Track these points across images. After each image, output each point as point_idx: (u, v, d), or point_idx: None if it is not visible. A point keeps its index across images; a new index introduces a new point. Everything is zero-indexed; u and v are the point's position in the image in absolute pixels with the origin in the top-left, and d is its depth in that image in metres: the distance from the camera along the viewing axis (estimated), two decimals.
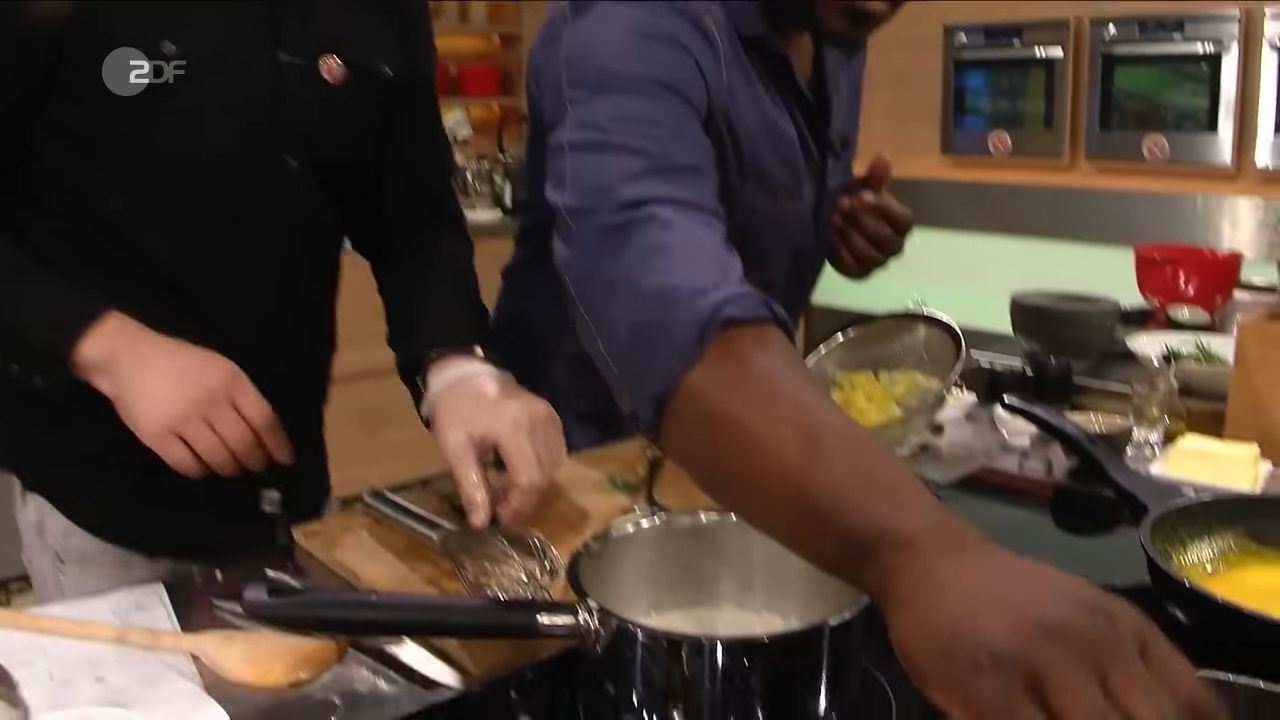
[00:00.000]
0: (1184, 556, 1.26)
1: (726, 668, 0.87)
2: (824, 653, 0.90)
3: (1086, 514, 1.57)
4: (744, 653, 0.87)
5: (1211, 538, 1.28)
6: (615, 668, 0.91)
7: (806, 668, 0.90)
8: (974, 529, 0.73)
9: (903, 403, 1.69)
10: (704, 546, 1.08)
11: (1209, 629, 1.08)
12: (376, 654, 1.03)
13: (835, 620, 0.88)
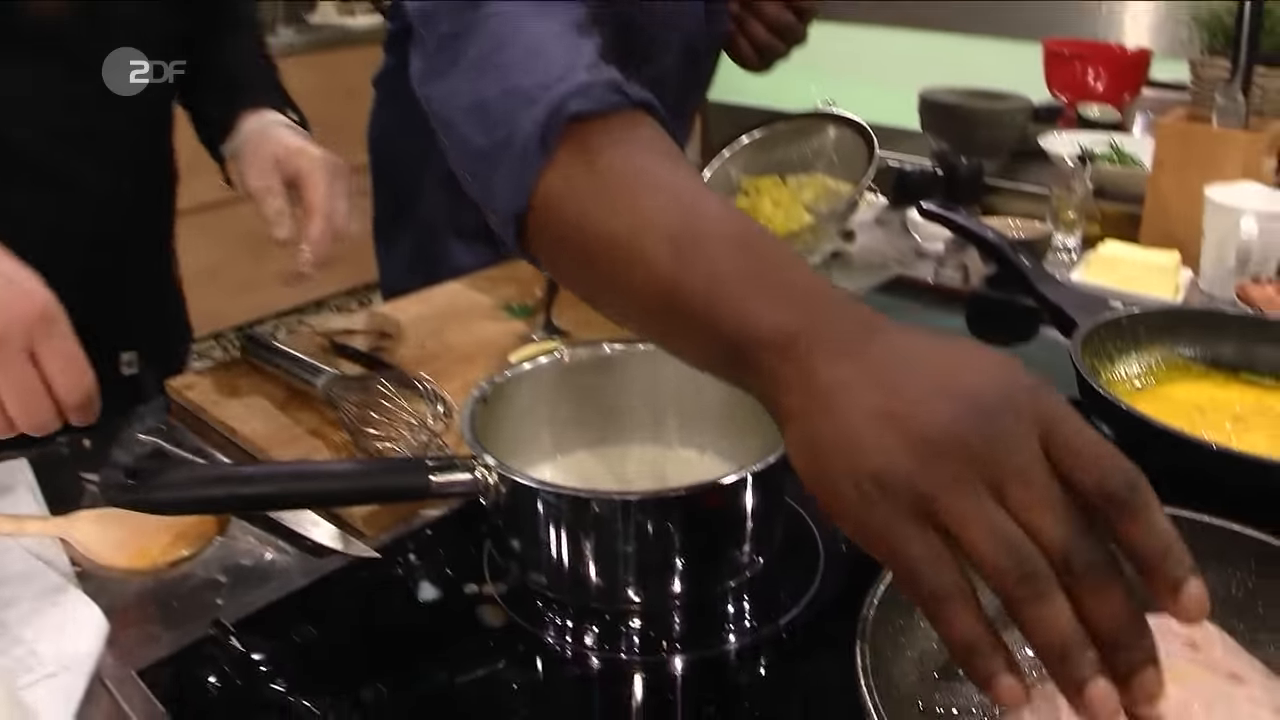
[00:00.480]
0: (1112, 372, 1.21)
1: (639, 524, 0.79)
2: (744, 501, 0.83)
3: (1003, 323, 1.52)
4: (656, 509, 0.78)
5: (1139, 352, 1.24)
6: (518, 525, 0.83)
7: (726, 518, 0.83)
8: (871, 314, 0.62)
9: (812, 208, 1.60)
10: (610, 378, 0.99)
11: (1141, 449, 1.03)
12: (263, 522, 0.94)
13: (758, 467, 0.80)
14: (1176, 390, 1.20)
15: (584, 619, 0.83)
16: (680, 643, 0.82)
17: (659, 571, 0.83)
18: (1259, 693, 0.73)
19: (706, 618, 0.85)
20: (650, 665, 0.82)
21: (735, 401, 0.95)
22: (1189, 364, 1.24)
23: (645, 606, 0.83)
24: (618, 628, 0.83)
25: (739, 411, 0.94)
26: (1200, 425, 1.12)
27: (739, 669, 0.83)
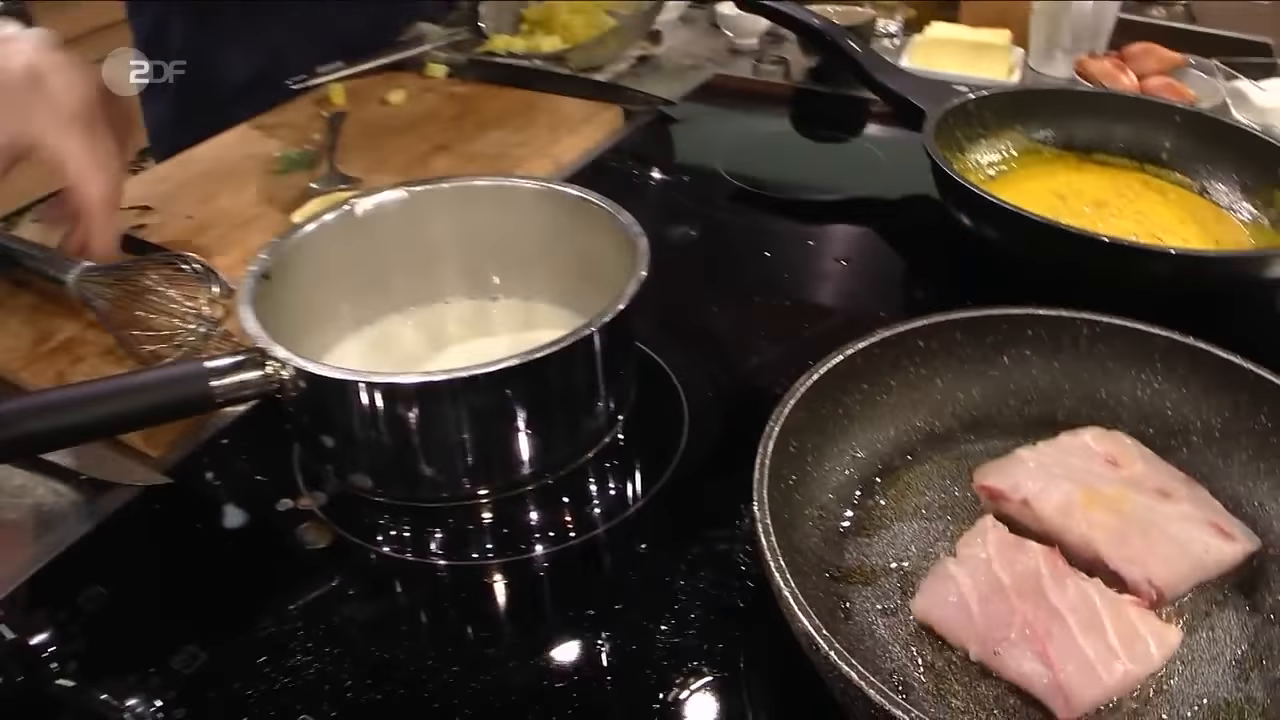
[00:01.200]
0: (964, 161, 1.13)
1: (471, 405, 0.66)
2: (591, 360, 0.71)
3: (831, 118, 1.41)
4: (490, 385, 0.65)
5: (990, 139, 1.16)
6: (328, 422, 0.69)
7: (571, 383, 0.71)
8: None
9: (614, 11, 1.45)
10: (413, 228, 0.84)
11: (1005, 240, 0.96)
12: (21, 460, 0.75)
13: (606, 318, 0.68)
14: (1032, 177, 1.13)
15: (424, 522, 0.72)
16: (539, 533, 0.71)
17: (501, 454, 0.71)
18: (1188, 507, 0.66)
19: (565, 499, 0.75)
20: (510, 566, 0.71)
21: (559, 239, 0.83)
22: (1041, 148, 1.18)
23: (493, 496, 0.71)
24: (465, 526, 0.72)
25: (563, 250, 0.83)
26: (1062, 212, 1.06)
27: (611, 553, 0.72)
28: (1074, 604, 0.60)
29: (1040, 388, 0.78)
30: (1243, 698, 0.59)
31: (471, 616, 0.67)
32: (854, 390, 0.73)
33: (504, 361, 0.64)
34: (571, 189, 0.82)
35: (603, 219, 0.79)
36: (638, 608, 0.65)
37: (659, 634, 0.64)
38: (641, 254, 0.73)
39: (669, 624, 0.64)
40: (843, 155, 1.32)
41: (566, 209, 0.82)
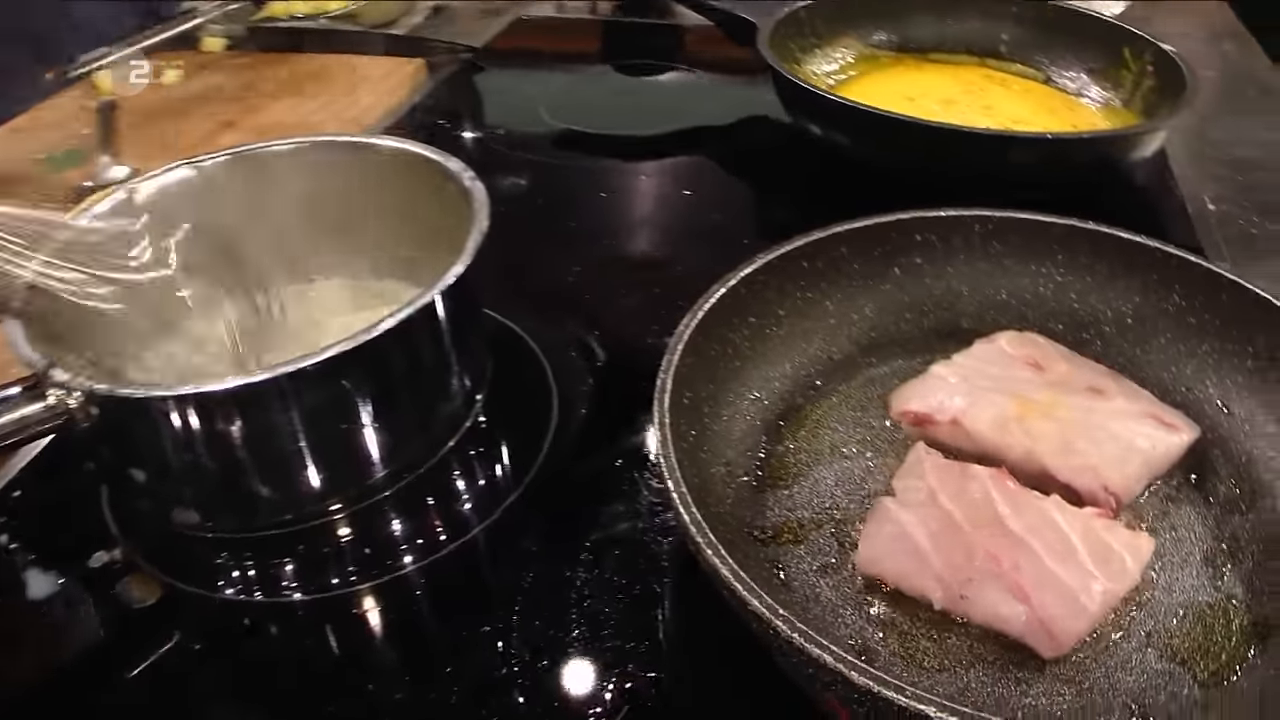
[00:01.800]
0: (801, 73, 1.06)
1: (306, 404, 0.55)
2: (435, 335, 0.61)
3: (644, 49, 1.33)
4: (323, 378, 0.54)
5: (825, 47, 1.10)
6: (135, 452, 0.57)
7: (414, 364, 0.60)
8: None
9: None
10: (206, 210, 0.71)
11: (861, 145, 0.89)
12: None
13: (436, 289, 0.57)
14: (875, 83, 1.07)
15: (270, 553, 0.60)
16: (407, 545, 0.61)
17: (347, 458, 0.60)
18: (1123, 402, 0.61)
19: (431, 500, 0.64)
20: (381, 589, 0.59)
21: (380, 201, 0.72)
22: (878, 52, 1.12)
23: (346, 509, 0.61)
24: (320, 550, 0.60)
25: (386, 213, 0.72)
26: (912, 113, 0.99)
27: (496, 556, 0.61)
28: (1036, 527, 0.53)
29: (937, 296, 0.72)
30: (1223, 597, 0.54)
31: (343, 655, 0.56)
32: (741, 326, 0.65)
33: (334, 347, 0.53)
34: (386, 140, 0.71)
35: (427, 171, 0.68)
36: (540, 613, 0.56)
37: (570, 639, 0.54)
38: (479, 203, 0.63)
39: (580, 626, 0.55)
40: (664, 85, 1.24)
41: (383, 165, 0.71)
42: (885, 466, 0.61)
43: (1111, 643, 0.52)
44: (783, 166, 1.01)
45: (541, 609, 0.56)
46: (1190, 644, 0.52)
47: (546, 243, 0.89)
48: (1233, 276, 0.65)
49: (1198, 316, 0.67)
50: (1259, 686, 0.50)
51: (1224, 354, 0.66)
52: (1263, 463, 0.61)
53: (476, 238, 0.60)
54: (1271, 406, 0.63)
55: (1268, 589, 0.54)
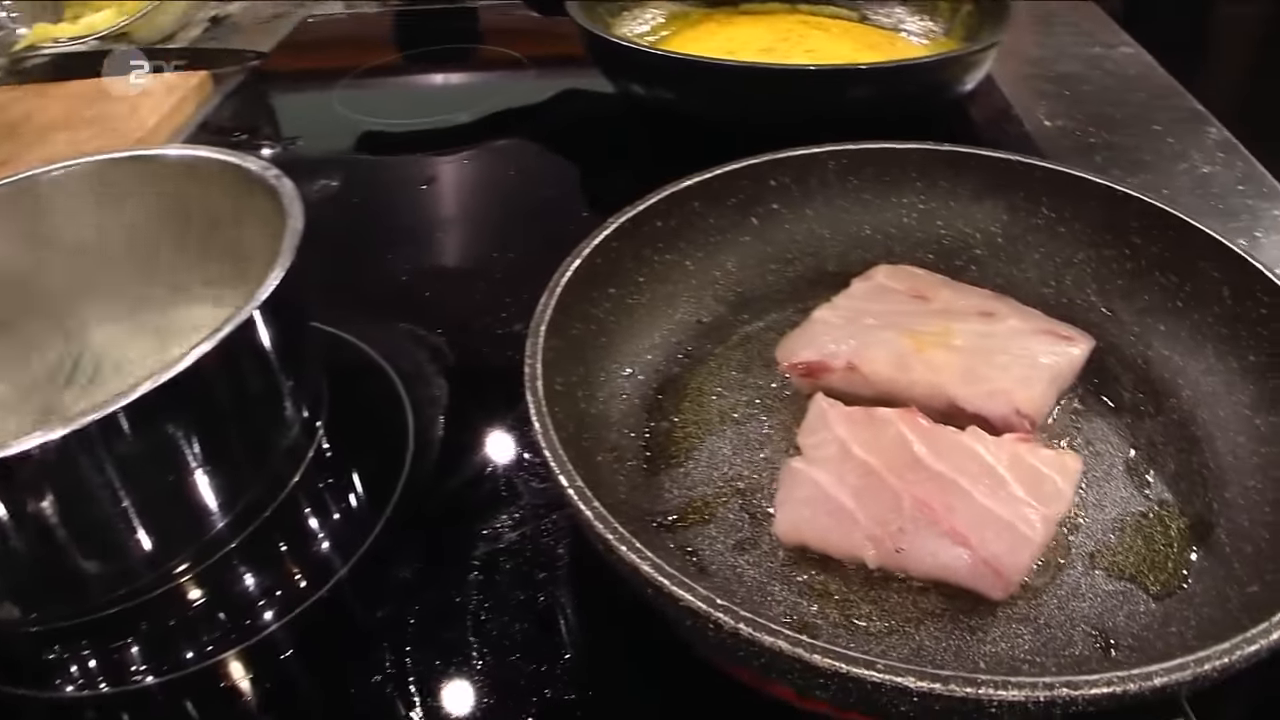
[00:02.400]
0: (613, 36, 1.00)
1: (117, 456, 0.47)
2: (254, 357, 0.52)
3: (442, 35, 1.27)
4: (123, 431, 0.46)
5: (633, 9, 1.06)
6: None
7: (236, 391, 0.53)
8: None
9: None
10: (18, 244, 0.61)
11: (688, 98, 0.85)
12: None
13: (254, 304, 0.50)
14: (689, 41, 1.03)
15: (111, 635, 0.52)
16: (266, 600, 0.54)
17: (181, 511, 0.52)
18: (1016, 321, 0.58)
19: (283, 545, 0.56)
20: (245, 655, 0.51)
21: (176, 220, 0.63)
22: (688, 9, 1.09)
23: (192, 570, 0.54)
24: (167, 623, 0.53)
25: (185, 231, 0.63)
26: None
27: (369, 597, 0.54)
28: (960, 463, 0.49)
29: (800, 242, 0.68)
30: (1155, 504, 0.52)
31: None
32: (601, 300, 0.60)
33: (142, 385, 0.45)
34: (174, 149, 0.63)
35: (225, 178, 0.60)
36: (434, 648, 0.49)
37: (476, 676, 0.47)
38: (289, 200, 0.56)
39: (482, 655, 0.48)
40: (468, 71, 1.17)
41: (176, 178, 0.62)
42: (782, 425, 0.57)
43: (1058, 572, 0.48)
44: (609, 135, 0.96)
45: (435, 644, 0.49)
46: (1135, 558, 0.49)
47: (371, 245, 0.81)
48: (1101, 179, 0.63)
49: (1069, 226, 0.65)
50: (1212, 587, 0.47)
51: (1101, 260, 0.64)
52: (1160, 362, 0.59)
53: (292, 239, 0.52)
54: (1155, 306, 0.61)
55: (1194, 487, 0.52)
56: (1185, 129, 0.93)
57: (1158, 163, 0.88)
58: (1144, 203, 0.61)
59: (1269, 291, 0.55)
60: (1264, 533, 0.48)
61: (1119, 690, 0.35)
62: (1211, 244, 0.58)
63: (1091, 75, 1.04)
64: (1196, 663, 0.36)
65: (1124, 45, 1.11)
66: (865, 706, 0.36)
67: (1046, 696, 0.34)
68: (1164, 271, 0.61)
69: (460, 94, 1.10)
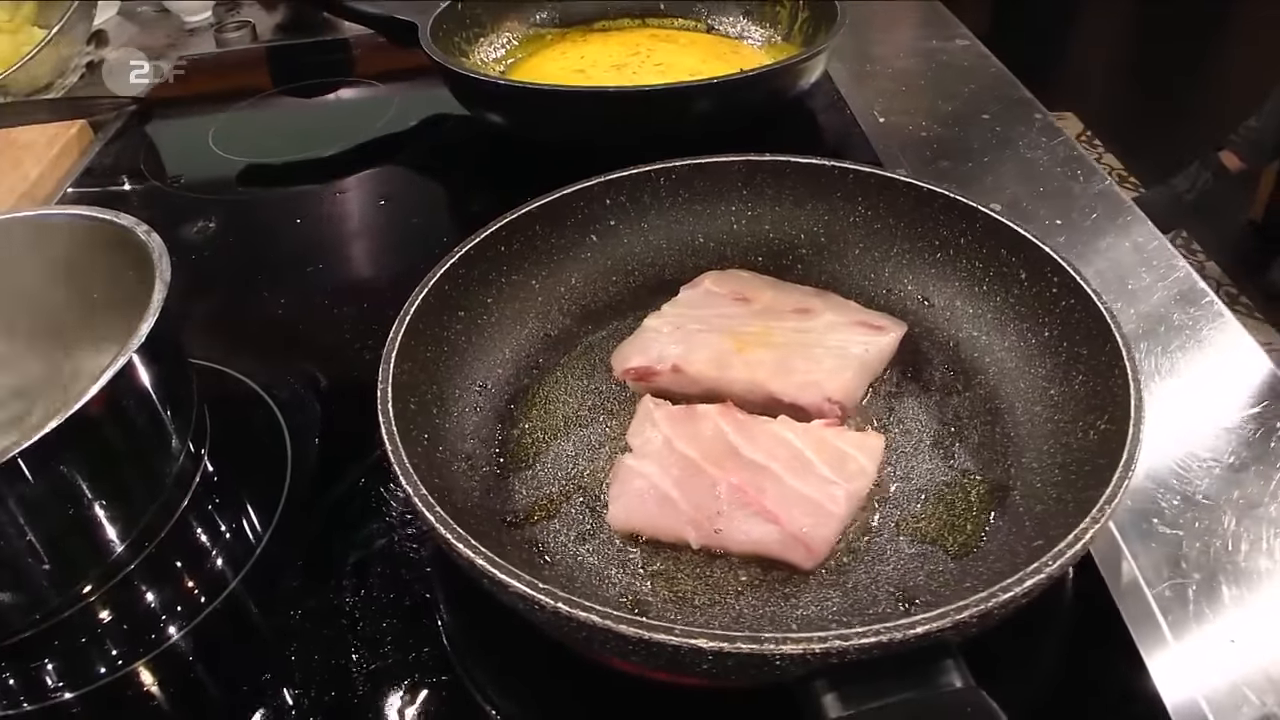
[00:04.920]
0: (470, 64, 1.06)
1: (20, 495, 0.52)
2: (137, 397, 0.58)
3: (314, 68, 1.30)
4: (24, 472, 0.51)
5: (490, 34, 1.11)
6: None
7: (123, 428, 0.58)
8: None
9: (43, 23, 1.26)
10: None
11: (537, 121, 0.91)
12: None
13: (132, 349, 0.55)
14: (545, 61, 1.08)
15: (28, 657, 0.56)
16: (168, 614, 0.59)
17: (82, 540, 0.56)
18: (831, 316, 0.64)
19: (179, 563, 0.61)
20: (155, 664, 0.55)
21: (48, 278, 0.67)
22: (543, 31, 1.14)
23: (97, 591, 0.59)
24: (79, 640, 0.57)
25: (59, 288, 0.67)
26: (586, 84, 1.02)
27: (261, 604, 0.59)
28: (771, 450, 0.55)
29: (638, 254, 0.74)
30: (958, 474, 0.58)
31: None
32: (452, 322, 0.65)
33: (36, 432, 0.50)
34: (46, 210, 0.67)
35: (97, 234, 0.65)
36: (317, 647, 0.54)
37: (355, 667, 0.53)
38: (157, 253, 0.60)
39: (359, 649, 0.53)
40: (341, 102, 1.21)
41: (50, 237, 0.66)
42: (620, 426, 0.62)
43: (865, 540, 0.54)
44: (473, 159, 1.01)
45: (317, 643, 0.54)
46: (937, 524, 0.55)
47: (249, 281, 0.86)
48: (907, 179, 0.70)
49: (883, 222, 0.71)
50: (1004, 544, 0.53)
51: (915, 251, 0.70)
52: (968, 343, 0.66)
53: (161, 291, 0.57)
54: (964, 291, 0.68)
55: (995, 455, 0.59)
56: (1012, 117, 1.01)
57: (985, 150, 0.95)
58: (947, 198, 0.68)
59: (1057, 271, 0.62)
60: (1052, 492, 0.54)
61: (885, 639, 0.41)
62: (1007, 231, 0.65)
63: (926, 69, 1.12)
64: (956, 610, 0.42)
65: (960, 38, 1.19)
66: (674, 667, 0.42)
67: (821, 648, 0.40)
68: (969, 259, 0.68)
69: (333, 126, 1.14)
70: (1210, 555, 0.56)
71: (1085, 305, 0.59)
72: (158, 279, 0.59)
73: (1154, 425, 0.52)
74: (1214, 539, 0.57)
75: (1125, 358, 0.54)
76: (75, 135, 1.10)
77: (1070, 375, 0.59)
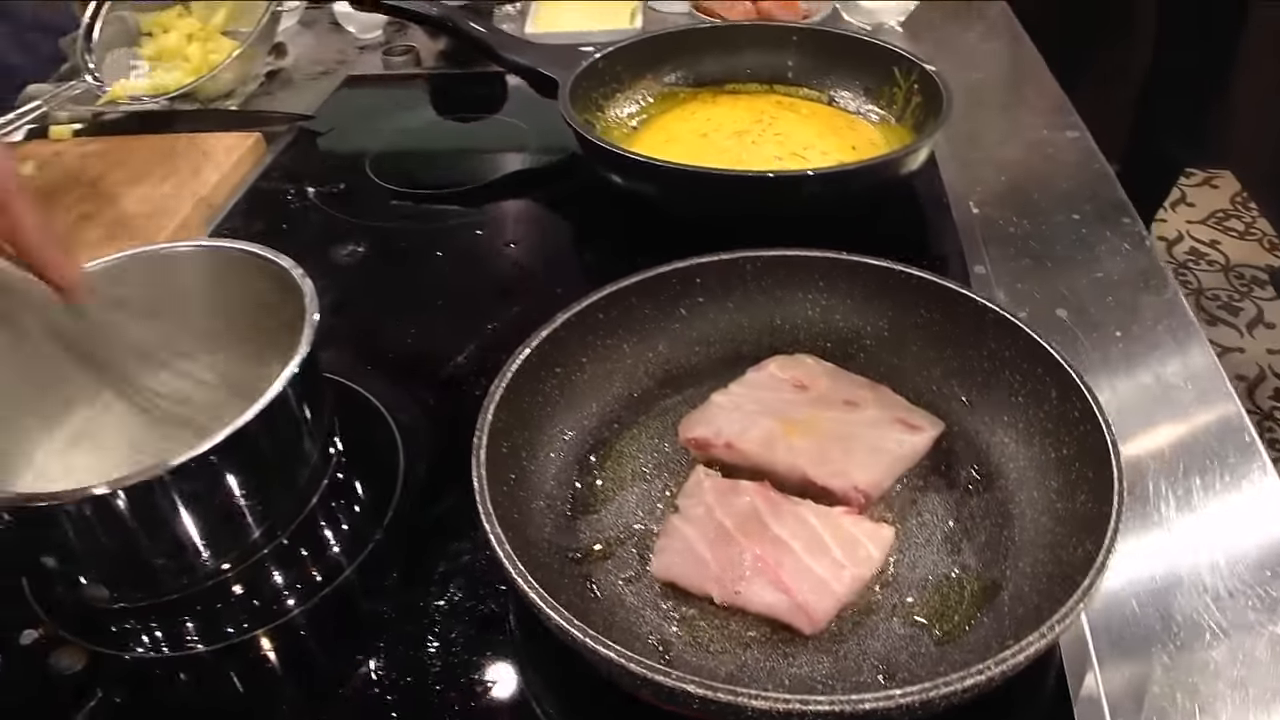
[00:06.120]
0: (605, 120, 1.20)
1: (185, 492, 0.67)
2: (288, 418, 0.72)
3: (471, 99, 1.45)
4: (192, 474, 0.65)
5: (626, 92, 1.24)
6: (39, 546, 0.68)
7: (275, 442, 0.72)
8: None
9: (231, 30, 1.43)
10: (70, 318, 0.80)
11: (659, 193, 1.03)
12: None
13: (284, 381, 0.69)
14: (674, 120, 1.20)
15: (174, 614, 0.72)
16: (289, 591, 0.74)
17: (230, 529, 0.71)
18: (875, 411, 0.75)
19: (305, 551, 0.77)
20: (273, 633, 0.70)
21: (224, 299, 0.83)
22: (676, 90, 1.26)
23: (234, 569, 0.74)
24: (214, 606, 0.73)
25: (231, 307, 0.83)
26: (707, 149, 1.14)
27: (364, 592, 0.73)
28: (794, 530, 0.67)
29: (720, 329, 0.86)
30: (959, 569, 0.68)
31: (246, 693, 0.68)
32: (549, 378, 0.77)
33: (202, 445, 0.65)
34: (224, 243, 0.82)
35: (263, 269, 0.79)
36: (404, 639, 0.68)
37: (431, 662, 0.67)
38: (309, 299, 0.74)
39: (438, 648, 0.67)
40: (491, 133, 1.36)
41: (229, 264, 0.82)
42: (677, 485, 0.75)
43: (863, 617, 0.66)
44: (595, 206, 1.13)
45: (403, 635, 0.68)
46: (929, 610, 0.66)
47: (385, 306, 1.01)
48: (962, 291, 0.80)
49: (940, 327, 0.81)
50: (984, 639, 0.64)
51: (964, 358, 0.80)
52: (998, 448, 0.76)
53: (309, 333, 0.71)
54: (1002, 400, 0.77)
55: (996, 556, 0.69)
56: (1101, 219, 1.09)
57: (1067, 251, 1.04)
58: (997, 314, 0.78)
59: (1079, 396, 0.71)
60: (1034, 599, 0.63)
61: (838, 709, 0.52)
62: (1044, 353, 0.74)
63: (1029, 160, 1.21)
64: (903, 695, 0.53)
65: (1070, 129, 1.27)
66: (671, 702, 0.55)
67: (783, 708, 0.52)
68: (1010, 372, 0.77)
69: (480, 158, 1.28)
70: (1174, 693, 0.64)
71: (1097, 432, 0.68)
72: (308, 323, 0.73)
73: (1159, 554, 0.62)
74: (1190, 675, 0.65)
75: (1115, 489, 0.64)
76: (251, 146, 1.26)
77: (1075, 494, 0.68)
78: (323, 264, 0.73)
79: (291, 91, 1.42)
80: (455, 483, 0.73)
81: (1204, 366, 0.89)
